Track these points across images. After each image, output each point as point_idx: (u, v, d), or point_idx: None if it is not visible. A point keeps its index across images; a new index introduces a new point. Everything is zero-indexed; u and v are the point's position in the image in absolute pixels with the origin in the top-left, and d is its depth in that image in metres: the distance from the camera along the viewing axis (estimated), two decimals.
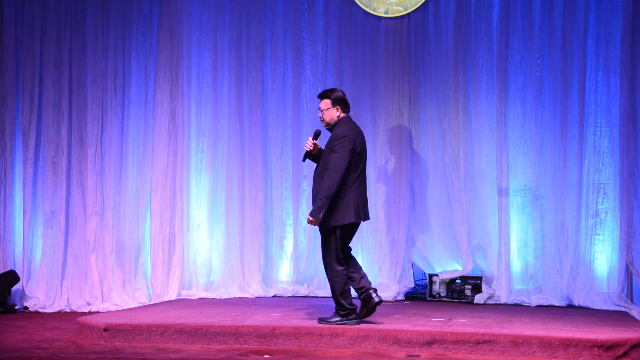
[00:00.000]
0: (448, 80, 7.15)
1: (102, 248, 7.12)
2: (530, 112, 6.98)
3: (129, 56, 7.28)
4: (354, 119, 7.11)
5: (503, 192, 6.90)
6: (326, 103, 5.34)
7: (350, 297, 5.29)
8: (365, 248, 7.24)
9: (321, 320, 5.31)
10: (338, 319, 5.26)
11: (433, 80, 7.20)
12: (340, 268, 5.21)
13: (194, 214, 7.37)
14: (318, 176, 5.27)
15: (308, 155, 5.40)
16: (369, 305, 5.25)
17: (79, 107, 7.22)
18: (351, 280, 5.29)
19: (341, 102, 5.36)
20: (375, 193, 7.20)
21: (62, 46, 7.21)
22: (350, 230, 5.28)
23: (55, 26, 7.20)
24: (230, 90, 7.39)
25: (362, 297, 5.28)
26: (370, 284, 5.30)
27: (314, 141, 5.39)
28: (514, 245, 6.93)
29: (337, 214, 5.16)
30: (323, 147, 5.41)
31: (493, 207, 6.97)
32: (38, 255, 7.14)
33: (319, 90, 7.26)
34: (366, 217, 5.35)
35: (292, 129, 7.37)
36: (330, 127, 5.35)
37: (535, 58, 6.97)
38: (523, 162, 6.97)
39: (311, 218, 5.14)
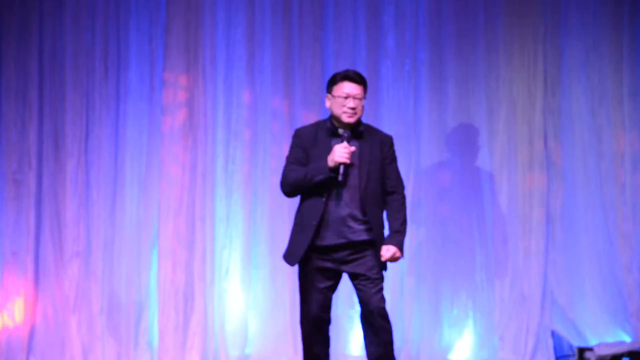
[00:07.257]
0: None
1: (88, 306, 5.77)
2: None
3: (125, 24, 5.79)
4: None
5: None
6: (362, 91, 4.26)
7: None
8: (479, 306, 5.73)
9: None
10: None
11: None
12: None
13: (221, 256, 5.85)
14: (371, 196, 4.11)
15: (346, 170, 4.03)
16: None
17: (53, 99, 5.81)
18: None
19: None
20: None
21: (29, 12, 5.75)
22: None
23: None
24: (276, 70, 5.79)
25: None
26: None
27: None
28: None
29: None
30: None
31: None
32: None
33: None
34: None
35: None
36: (354, 125, 4.18)
37: None
38: None
39: (400, 255, 4.21)
